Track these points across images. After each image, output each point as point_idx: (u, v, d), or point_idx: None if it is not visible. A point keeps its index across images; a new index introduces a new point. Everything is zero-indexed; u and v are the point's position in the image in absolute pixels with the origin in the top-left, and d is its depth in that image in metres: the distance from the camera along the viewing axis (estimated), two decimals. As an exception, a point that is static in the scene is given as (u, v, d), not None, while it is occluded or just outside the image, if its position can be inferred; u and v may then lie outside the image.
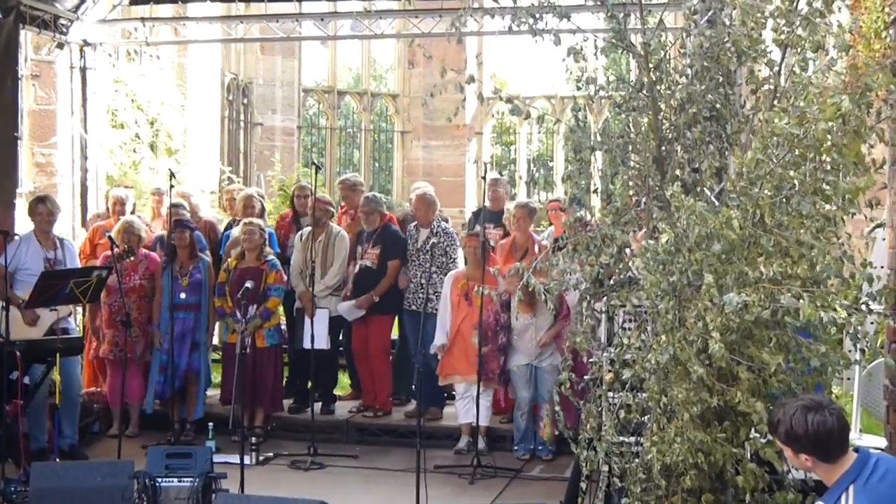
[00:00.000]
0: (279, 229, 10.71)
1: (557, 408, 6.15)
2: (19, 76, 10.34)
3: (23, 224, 9.75)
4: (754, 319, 4.48)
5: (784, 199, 4.65)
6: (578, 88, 5.86)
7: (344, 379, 10.88)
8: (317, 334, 9.42)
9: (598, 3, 5.85)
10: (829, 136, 4.48)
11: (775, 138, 4.68)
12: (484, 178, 9.39)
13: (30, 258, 8.68)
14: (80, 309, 9.83)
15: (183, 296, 9.48)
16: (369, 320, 9.84)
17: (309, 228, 9.92)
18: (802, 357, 4.66)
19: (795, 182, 4.69)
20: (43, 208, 8.92)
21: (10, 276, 8.45)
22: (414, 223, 10.09)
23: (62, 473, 6.96)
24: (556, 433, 8.63)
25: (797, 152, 4.67)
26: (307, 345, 9.41)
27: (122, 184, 12.09)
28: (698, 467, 4.86)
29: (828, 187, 4.61)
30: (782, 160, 4.67)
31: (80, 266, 9.10)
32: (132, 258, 9.29)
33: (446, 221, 10.47)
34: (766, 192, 4.62)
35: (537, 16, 5.66)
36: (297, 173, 18.03)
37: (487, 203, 10.23)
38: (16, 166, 10.36)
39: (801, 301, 4.33)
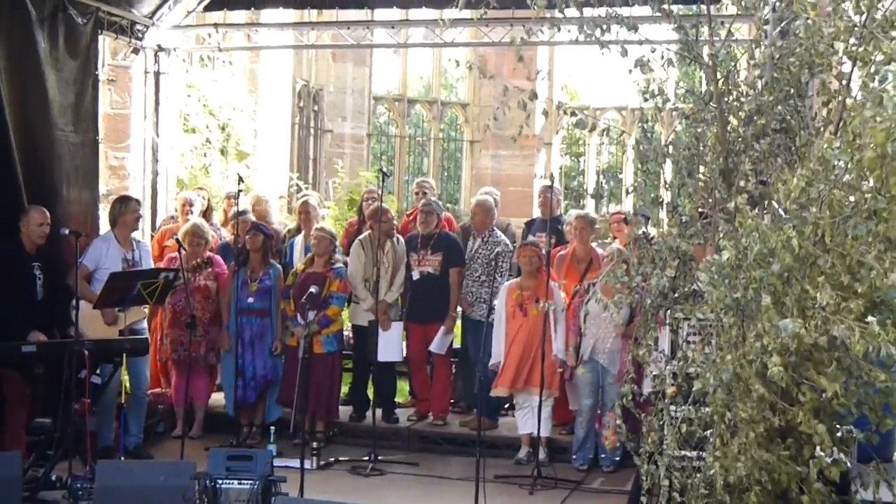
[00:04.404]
0: (348, 235, 10.75)
1: (619, 420, 6.10)
2: (98, 81, 10.53)
3: (105, 225, 9.94)
4: (813, 343, 4.38)
5: (842, 221, 4.53)
6: (645, 100, 5.83)
7: (404, 386, 10.88)
8: (392, 346, 9.54)
9: (667, 15, 5.80)
10: (879, 163, 4.35)
11: (823, 162, 4.58)
12: (550, 187, 9.33)
13: (109, 258, 8.85)
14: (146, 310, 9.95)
15: (251, 300, 9.51)
16: (428, 329, 9.82)
17: (366, 234, 9.94)
18: (864, 381, 4.54)
19: (852, 204, 4.56)
20: (136, 206, 9.20)
21: (89, 277, 8.73)
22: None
23: (127, 472, 7.07)
24: (619, 444, 8.56)
25: (852, 175, 4.55)
26: (382, 357, 9.49)
27: (194, 187, 12.23)
28: (762, 485, 4.78)
29: (885, 211, 4.48)
30: (837, 182, 4.56)
31: (153, 267, 9.20)
32: (209, 269, 9.47)
33: (505, 230, 10.39)
34: (824, 212, 4.51)
35: (604, 27, 5.63)
36: (360, 177, 18.04)
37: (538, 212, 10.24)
38: (97, 169, 10.56)
39: (853, 334, 4.20)
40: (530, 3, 5.67)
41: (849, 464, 4.85)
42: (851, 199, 4.55)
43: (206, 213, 11.10)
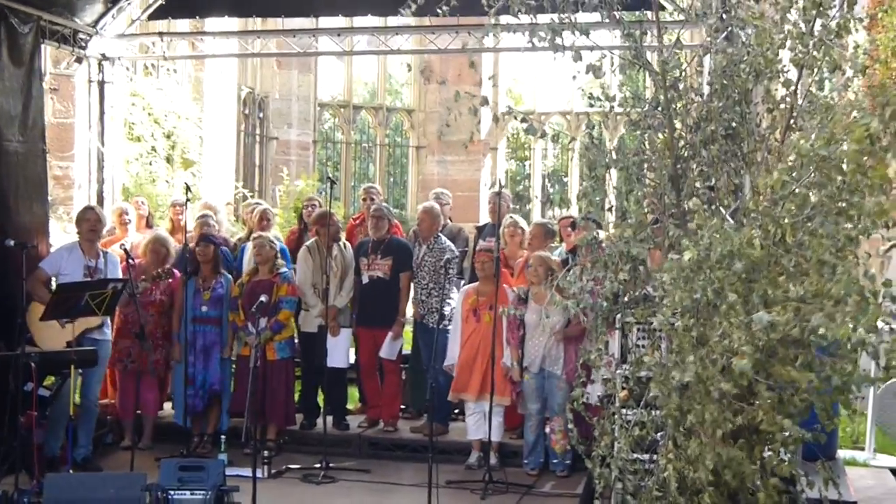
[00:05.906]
0: (289, 243, 10.72)
1: (570, 424, 6.14)
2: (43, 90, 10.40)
3: (57, 236, 9.79)
4: (780, 338, 4.43)
5: (806, 219, 4.59)
6: (591, 105, 5.89)
7: (354, 393, 10.87)
8: (339, 353, 9.53)
9: (616, 22, 5.85)
10: (855, 158, 4.42)
11: (799, 159, 4.63)
12: (499, 194, 9.40)
13: (70, 265, 8.77)
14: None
15: (204, 309, 9.45)
16: (377, 333, 9.81)
17: (313, 241, 9.93)
18: (826, 377, 4.61)
19: (818, 202, 4.62)
20: (92, 215, 9.08)
21: (49, 282, 8.73)
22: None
23: (76, 485, 6.95)
24: (569, 447, 8.59)
25: (822, 172, 4.62)
26: (330, 363, 9.47)
27: (138, 196, 12.14)
28: (718, 485, 4.82)
29: (852, 209, 4.54)
30: (806, 180, 4.62)
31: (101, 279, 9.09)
32: (170, 279, 9.41)
33: (457, 234, 10.45)
34: (788, 211, 4.57)
35: (557, 31, 5.65)
36: (304, 184, 18.02)
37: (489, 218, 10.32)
38: (46, 180, 10.42)
39: (833, 321, 4.24)
40: (485, 4, 5.67)
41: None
42: (812, 198, 4.60)
43: (148, 222, 11.04)
